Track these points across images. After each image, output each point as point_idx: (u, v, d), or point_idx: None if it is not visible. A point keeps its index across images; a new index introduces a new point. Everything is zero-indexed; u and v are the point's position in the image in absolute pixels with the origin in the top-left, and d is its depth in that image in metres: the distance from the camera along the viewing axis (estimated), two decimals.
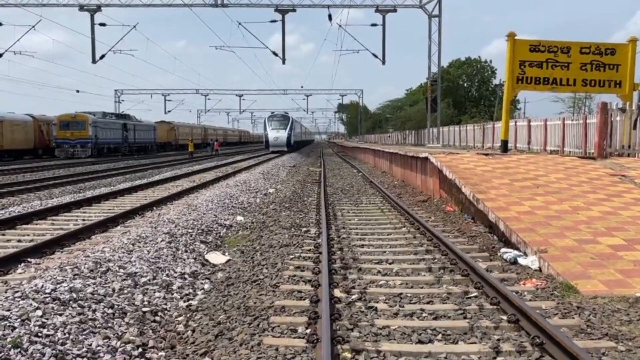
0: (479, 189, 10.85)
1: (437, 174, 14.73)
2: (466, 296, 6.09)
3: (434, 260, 7.75)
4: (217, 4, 33.96)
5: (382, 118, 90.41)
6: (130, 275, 6.62)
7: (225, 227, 11.01)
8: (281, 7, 33.69)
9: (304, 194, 16.49)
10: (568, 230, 8.08)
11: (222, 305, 6.00)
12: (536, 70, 16.91)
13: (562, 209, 9.39)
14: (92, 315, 5.22)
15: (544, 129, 20.89)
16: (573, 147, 18.52)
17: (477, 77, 72.29)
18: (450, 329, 5.06)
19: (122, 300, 5.82)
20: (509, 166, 13.84)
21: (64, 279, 5.99)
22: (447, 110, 52.74)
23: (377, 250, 8.51)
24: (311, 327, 5.05)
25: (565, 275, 6.46)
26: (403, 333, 4.94)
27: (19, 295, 5.34)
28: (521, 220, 8.64)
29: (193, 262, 7.97)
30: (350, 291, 6.20)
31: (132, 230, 9.21)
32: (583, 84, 17.16)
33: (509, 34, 17.11)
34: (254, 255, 8.40)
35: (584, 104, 41.94)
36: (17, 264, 7.14)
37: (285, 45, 35.65)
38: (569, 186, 11.26)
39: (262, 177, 22.44)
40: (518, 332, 4.98)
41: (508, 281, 6.64)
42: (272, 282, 6.64)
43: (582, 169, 13.41)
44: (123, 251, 7.60)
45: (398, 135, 57.15)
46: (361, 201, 14.80)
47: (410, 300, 5.95)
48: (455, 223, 10.97)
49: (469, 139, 31.46)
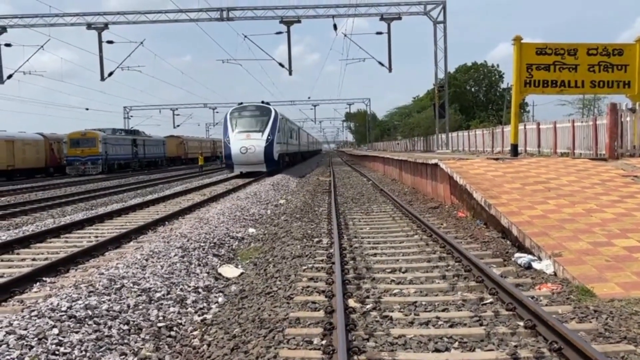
0: (491, 194, 10.81)
1: (447, 180, 14.68)
2: (481, 303, 6.05)
3: (448, 267, 7.71)
4: (223, 18, 34.22)
5: (390, 126, 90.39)
6: (144, 291, 6.64)
7: (237, 239, 11.02)
8: (286, 19, 33.89)
9: (314, 204, 16.49)
10: (582, 233, 8.02)
11: (237, 319, 6.00)
12: (544, 73, 16.89)
13: (575, 211, 9.33)
14: (108, 332, 5.24)
15: (554, 132, 20.79)
16: (584, 149, 18.42)
17: (484, 82, 72.23)
18: (467, 336, 5.03)
19: (137, 316, 5.84)
20: (520, 170, 13.77)
21: (79, 297, 6.02)
22: (455, 115, 52.70)
23: (390, 259, 8.49)
24: (327, 338, 5.04)
25: (581, 278, 6.40)
26: (419, 342, 4.92)
27: (35, 314, 5.38)
28: (534, 225, 8.59)
29: (206, 276, 7.99)
30: (364, 301, 6.18)
31: (145, 246, 9.25)
32: (591, 86, 17.11)
33: (515, 37, 17.11)
34: (267, 267, 8.40)
35: (593, 106, 41.73)
36: (32, 283, 7.19)
37: (291, 56, 35.82)
38: (581, 188, 11.19)
39: (272, 188, 22.47)
40: (535, 338, 4.94)
41: (523, 286, 6.60)
42: (286, 294, 6.64)
43: (593, 171, 13.33)
44: (137, 267, 7.63)
45: (407, 142, 57.12)
46: (372, 209, 14.77)
47: (425, 309, 5.92)
48: (467, 229, 10.92)
49: (478, 144, 31.36)
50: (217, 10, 34.39)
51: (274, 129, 30.26)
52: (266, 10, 34.43)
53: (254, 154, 29.44)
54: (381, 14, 34.08)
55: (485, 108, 68.77)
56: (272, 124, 30.23)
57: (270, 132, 29.98)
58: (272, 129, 30.13)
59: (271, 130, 30.10)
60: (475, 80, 71.97)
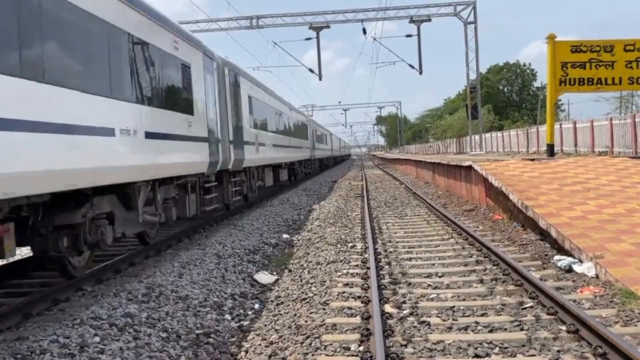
0: (527, 196, 10.62)
1: (482, 182, 14.48)
2: (521, 307, 5.93)
3: (485, 271, 7.59)
4: (253, 26, 34.51)
5: (421, 128, 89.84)
6: (182, 299, 6.72)
7: (271, 245, 11.07)
8: (315, 25, 33.97)
9: (347, 208, 16.46)
10: (624, 234, 7.81)
11: (274, 325, 6.02)
12: (579, 71, 16.56)
13: (616, 212, 9.09)
14: (147, 340, 5.31)
15: (591, 130, 20.36)
16: (623, 147, 17.97)
17: (517, 81, 71.12)
18: (507, 341, 4.93)
19: (175, 323, 5.91)
20: (557, 171, 13.50)
21: (119, 305, 6.12)
22: (488, 116, 52.01)
23: (425, 263, 8.40)
24: (364, 344, 5.01)
25: (624, 281, 6.23)
26: (458, 347, 4.84)
27: (77, 322, 5.49)
28: (574, 226, 8.40)
29: (242, 282, 8.04)
30: (401, 306, 6.13)
31: (182, 254, 9.36)
32: (629, 82, 16.72)
33: (549, 35, 16.83)
34: (301, 274, 8.41)
35: (631, 102, 40.73)
36: (74, 291, 7.34)
37: (320, 62, 35.87)
38: (622, 188, 10.90)
39: (304, 193, 22.53)
40: (579, 343, 4.81)
41: (564, 289, 6.45)
42: (322, 300, 6.63)
43: (634, 170, 12.98)
44: (174, 275, 7.72)
45: (439, 144, 56.62)
46: (406, 213, 14.67)
47: (463, 313, 5.83)
48: (504, 231, 10.74)
49: (513, 145, 30.91)
50: (247, 18, 34.70)
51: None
52: (295, 16, 34.59)
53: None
54: (410, 17, 33.88)
55: (518, 108, 67.65)
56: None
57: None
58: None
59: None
60: (508, 80, 70.93)
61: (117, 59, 7.58)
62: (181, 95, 10.25)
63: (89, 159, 6.61)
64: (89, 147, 6.63)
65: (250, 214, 15.38)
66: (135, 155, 7.96)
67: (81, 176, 6.45)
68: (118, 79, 7.59)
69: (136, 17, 8.24)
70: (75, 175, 6.33)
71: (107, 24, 7.24)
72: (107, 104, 7.18)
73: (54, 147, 5.89)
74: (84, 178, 6.52)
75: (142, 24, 8.49)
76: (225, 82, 13.74)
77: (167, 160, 9.25)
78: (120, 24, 7.64)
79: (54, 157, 5.89)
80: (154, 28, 8.94)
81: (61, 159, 6.03)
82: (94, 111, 6.81)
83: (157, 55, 9.04)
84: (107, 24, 7.22)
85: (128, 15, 7.94)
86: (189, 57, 10.80)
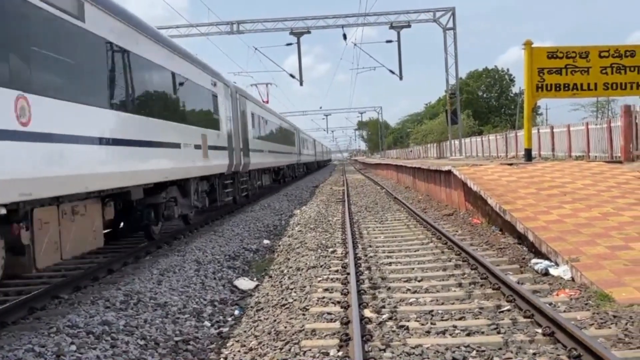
0: (505, 200, 10.74)
1: (461, 187, 14.61)
2: (499, 310, 6.00)
3: (464, 275, 7.66)
4: (233, 31, 34.45)
5: (402, 133, 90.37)
6: (160, 306, 6.67)
7: (252, 251, 11.04)
8: (296, 30, 34.02)
9: (328, 213, 16.48)
10: (599, 238, 7.94)
11: (253, 331, 6.01)
12: (556, 77, 16.81)
13: (591, 215, 9.23)
14: (125, 348, 5.27)
15: (568, 135, 20.66)
16: (599, 151, 18.27)
17: (495, 87, 71.97)
18: (485, 344, 4.98)
19: (154, 330, 5.87)
20: (535, 175, 13.68)
21: (97, 313, 6.06)
22: (468, 121, 52.49)
23: (405, 268, 8.45)
24: (343, 349, 5.02)
25: (599, 283, 6.33)
26: (436, 351, 4.88)
27: (53, 331, 5.43)
28: (550, 230, 8.52)
29: (222, 289, 8.01)
30: (380, 311, 6.16)
31: (161, 260, 9.29)
32: (604, 88, 17.00)
33: (526, 42, 17.06)
34: (282, 279, 8.40)
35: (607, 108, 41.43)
36: (50, 299, 7.24)
37: (301, 67, 35.93)
38: (597, 192, 11.08)
39: (285, 199, 22.51)
40: (554, 345, 4.88)
41: (541, 293, 6.53)
42: (302, 305, 6.63)
43: (609, 174, 13.20)
44: (153, 282, 7.67)
45: (420, 149, 56.96)
46: (386, 218, 14.73)
47: (442, 317, 5.88)
48: (483, 235, 10.85)
49: (492, 149, 31.23)
50: (227, 23, 34.63)
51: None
52: (276, 22, 34.61)
53: None
54: (390, 23, 34.11)
55: (497, 113, 68.46)
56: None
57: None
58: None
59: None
60: (487, 86, 71.75)
61: (186, 98, 12.03)
62: (213, 117, 14.44)
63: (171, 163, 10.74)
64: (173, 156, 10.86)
65: (231, 219, 15.32)
66: (190, 160, 11.99)
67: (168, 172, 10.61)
68: (183, 110, 11.82)
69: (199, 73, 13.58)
70: (166, 171, 10.47)
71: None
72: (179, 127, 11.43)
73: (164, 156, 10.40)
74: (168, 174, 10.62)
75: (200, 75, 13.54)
76: (237, 104, 17.70)
77: (208, 163, 13.37)
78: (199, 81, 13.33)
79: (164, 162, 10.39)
80: (202, 74, 13.73)
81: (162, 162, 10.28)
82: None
83: (203, 91, 13.69)
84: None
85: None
86: (217, 89, 15.03)
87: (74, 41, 7.30)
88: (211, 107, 14.32)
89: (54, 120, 6.52)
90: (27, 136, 5.87)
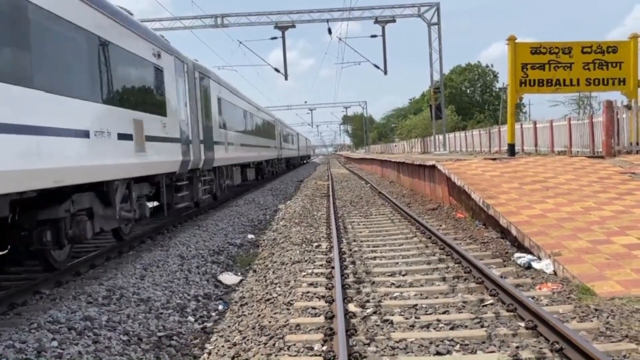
0: (489, 195, 10.80)
1: (445, 182, 14.68)
2: (482, 304, 6.04)
3: (448, 269, 7.69)
4: (218, 25, 34.20)
5: (387, 128, 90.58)
6: (143, 301, 6.62)
7: (236, 246, 11.00)
8: (281, 24, 33.85)
9: (313, 208, 16.47)
10: (581, 232, 8.01)
11: (237, 326, 5.99)
12: (539, 73, 16.94)
13: (573, 210, 9.32)
14: (107, 343, 5.22)
15: (551, 130, 20.82)
16: (581, 147, 18.44)
17: (479, 82, 72.33)
18: (468, 338, 5.01)
19: (137, 326, 5.82)
20: (518, 170, 13.78)
21: (79, 308, 5.99)
22: (452, 116, 52.76)
23: (389, 262, 8.47)
24: (327, 344, 5.02)
25: (581, 277, 6.39)
26: (420, 345, 4.90)
27: (34, 327, 5.36)
28: (533, 224, 8.58)
29: (206, 283, 7.97)
30: (364, 305, 6.16)
31: (144, 255, 9.22)
32: (587, 83, 17.17)
33: (510, 37, 17.15)
34: (266, 274, 8.38)
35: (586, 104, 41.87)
36: (31, 295, 7.15)
37: (286, 61, 35.78)
38: (579, 187, 11.19)
39: (270, 193, 22.46)
40: (537, 339, 4.92)
41: (523, 286, 6.59)
42: (286, 300, 6.62)
43: (591, 169, 13.33)
44: (136, 277, 7.61)
45: (404, 144, 57.15)
46: (371, 212, 14.76)
47: (425, 311, 5.90)
48: (466, 230, 10.91)
49: (476, 144, 31.40)
50: (212, 17, 34.36)
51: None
52: (260, 15, 34.42)
53: None
54: (375, 17, 34.08)
55: (481, 108, 68.83)
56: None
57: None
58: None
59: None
60: (470, 81, 72.07)
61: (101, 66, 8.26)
62: (155, 98, 10.73)
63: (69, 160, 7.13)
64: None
65: (215, 214, 15.25)
66: (110, 155, 8.32)
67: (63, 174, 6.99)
68: (91, 81, 7.96)
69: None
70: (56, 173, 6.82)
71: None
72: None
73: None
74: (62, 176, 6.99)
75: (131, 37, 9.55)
76: (196, 85, 14.11)
77: (146, 160, 9.77)
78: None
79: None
80: (134, 37, 9.72)
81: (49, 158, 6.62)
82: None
83: (135, 59, 9.73)
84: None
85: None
86: (164, 62, 11.26)
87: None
88: (152, 84, 10.49)
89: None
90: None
